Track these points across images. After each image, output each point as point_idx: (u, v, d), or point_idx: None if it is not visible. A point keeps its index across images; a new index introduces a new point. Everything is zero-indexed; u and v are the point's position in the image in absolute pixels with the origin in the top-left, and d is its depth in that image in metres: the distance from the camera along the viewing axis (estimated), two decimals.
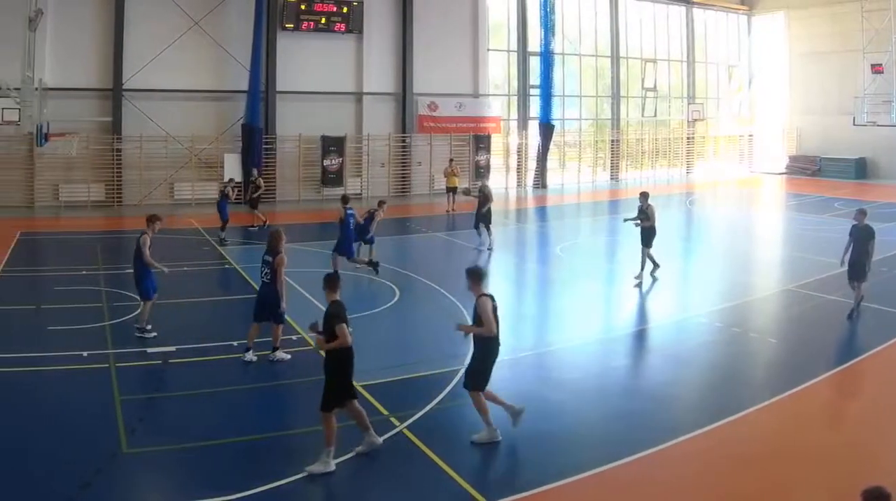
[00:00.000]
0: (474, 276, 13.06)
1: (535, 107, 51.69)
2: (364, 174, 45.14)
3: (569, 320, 21.40)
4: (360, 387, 14.62)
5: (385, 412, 13.62)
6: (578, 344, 18.54)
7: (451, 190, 40.14)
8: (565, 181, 53.76)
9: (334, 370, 11.70)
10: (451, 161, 42.64)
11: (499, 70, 52.34)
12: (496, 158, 50.72)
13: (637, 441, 12.57)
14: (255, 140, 40.90)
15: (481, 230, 29.39)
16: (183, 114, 40.11)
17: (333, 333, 11.54)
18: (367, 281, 24.37)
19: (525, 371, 16.67)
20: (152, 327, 17.98)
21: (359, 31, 44.39)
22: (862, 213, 20.36)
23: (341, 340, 11.49)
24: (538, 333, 20.36)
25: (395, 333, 19.59)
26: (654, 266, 24.18)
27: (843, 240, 20.57)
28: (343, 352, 11.66)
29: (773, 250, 32.36)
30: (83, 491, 10.76)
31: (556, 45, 51.32)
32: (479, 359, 12.83)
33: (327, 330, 11.64)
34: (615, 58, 56.47)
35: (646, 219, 23.85)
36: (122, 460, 11.83)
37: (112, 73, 38.75)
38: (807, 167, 58.76)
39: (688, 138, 60.75)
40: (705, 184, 55.81)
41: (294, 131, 42.75)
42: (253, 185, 34.30)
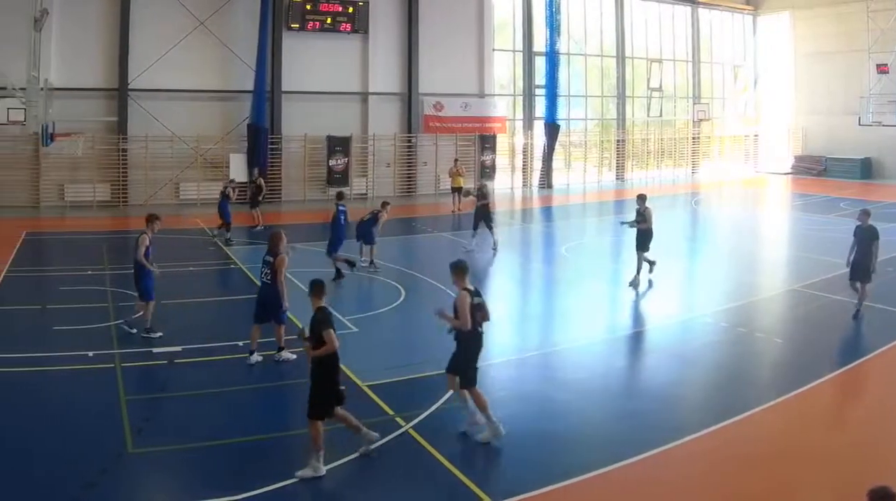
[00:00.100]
0: (457, 270, 13.23)
1: (540, 107, 51.66)
2: (370, 174, 45.12)
3: (574, 320, 21.37)
4: (365, 387, 14.71)
5: (391, 412, 13.62)
6: (584, 344, 18.52)
7: (457, 190, 40.09)
8: (571, 181, 53.67)
9: (321, 376, 11.58)
10: (456, 161, 42.66)
11: (504, 70, 52.30)
12: (502, 158, 50.69)
13: (642, 442, 12.55)
14: (261, 140, 40.88)
15: (479, 231, 29.05)
16: (188, 114, 40.14)
17: (321, 339, 11.46)
18: (373, 282, 24.38)
19: (530, 371, 16.70)
20: (154, 327, 17.95)
21: (364, 31, 44.37)
22: (865, 214, 20.30)
23: (329, 346, 11.39)
24: (544, 333, 20.37)
25: (400, 333, 19.60)
26: (649, 266, 23.91)
27: (849, 240, 20.54)
28: (330, 358, 11.56)
29: (778, 250, 32.32)
30: (89, 491, 10.77)
31: (562, 45, 51.38)
32: (461, 354, 12.87)
33: (314, 336, 11.56)
34: (620, 58, 56.40)
35: (643, 221, 23.64)
36: (128, 460, 11.84)
37: (118, 73, 38.76)
38: (812, 167, 58.66)
39: (693, 138, 60.67)
40: (711, 184, 55.70)
41: (300, 131, 42.73)
42: (254, 186, 34.22)
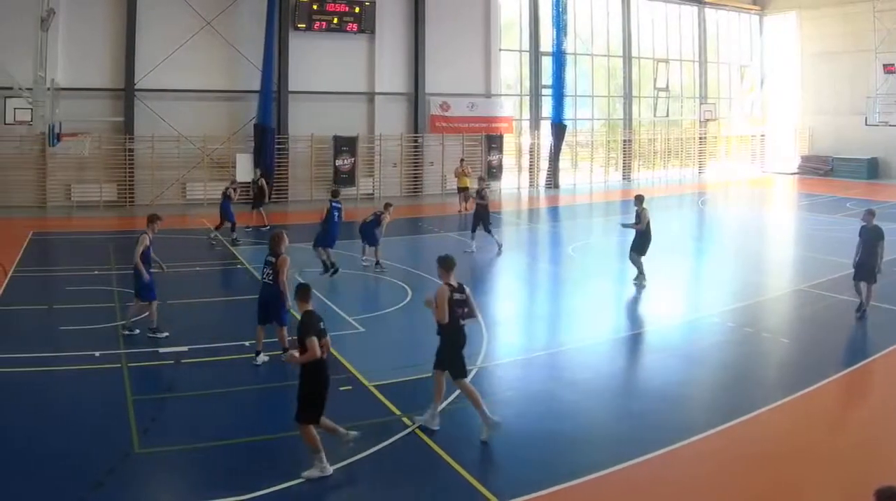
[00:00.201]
0: (443, 265, 13.49)
1: (547, 107, 51.58)
2: (376, 174, 45.10)
3: (581, 320, 21.36)
4: (372, 387, 14.72)
5: (397, 412, 13.61)
6: (590, 344, 18.50)
7: (463, 190, 40.04)
8: (577, 181, 53.66)
9: (306, 382, 11.47)
10: (462, 161, 42.55)
11: (511, 70, 52.24)
12: (508, 158, 50.63)
13: (649, 441, 12.55)
14: (268, 140, 40.90)
15: (478, 233, 29.02)
16: (195, 115, 40.15)
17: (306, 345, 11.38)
18: (379, 282, 24.39)
19: (537, 371, 16.69)
20: (161, 327, 17.96)
21: (371, 31, 44.36)
22: (870, 214, 20.26)
23: (310, 354, 11.22)
24: (550, 333, 20.39)
25: (407, 333, 19.57)
26: (640, 272, 23.60)
27: (855, 240, 20.47)
28: (315, 365, 11.41)
29: (785, 250, 32.25)
30: (95, 491, 10.78)
31: (569, 45, 51.21)
32: (445, 348, 13.03)
33: (300, 341, 11.45)
34: (627, 58, 56.34)
35: (638, 222, 23.49)
36: (135, 460, 11.85)
37: (124, 73, 38.79)
38: (819, 167, 58.54)
39: (700, 138, 60.57)
40: (717, 184, 55.65)
41: (306, 131, 42.75)
42: (255, 187, 34.12)
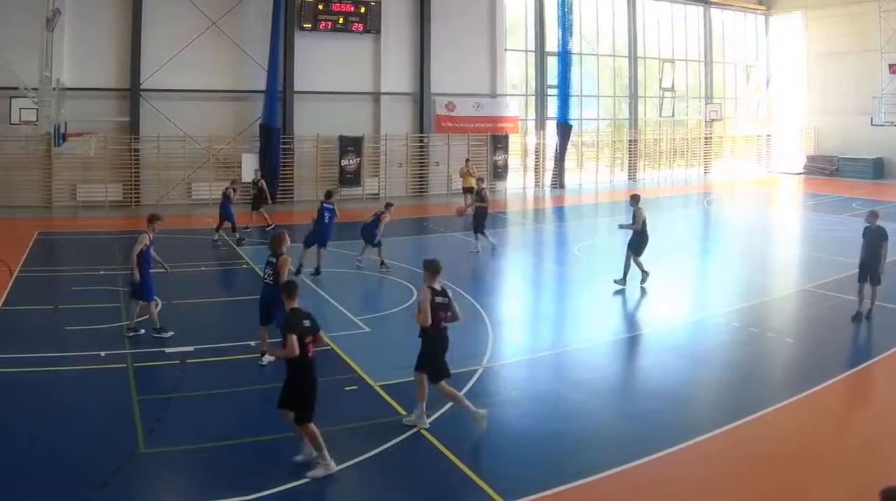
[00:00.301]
0: (428, 268, 13.48)
1: (552, 107, 51.58)
2: (382, 174, 45.11)
3: (586, 320, 21.35)
4: (378, 387, 14.72)
5: (403, 412, 13.58)
6: (596, 344, 18.50)
7: (468, 190, 39.96)
8: (583, 181, 53.58)
9: (291, 381, 11.54)
10: (467, 161, 42.51)
11: (516, 70, 52.23)
12: (514, 158, 50.61)
13: (655, 441, 12.54)
14: (273, 140, 40.91)
15: (479, 233, 29.06)
16: (200, 114, 40.19)
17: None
18: (384, 282, 24.38)
19: (543, 371, 16.68)
20: (165, 327, 17.95)
21: (376, 31, 44.36)
22: (874, 215, 20.20)
23: (287, 350, 11.24)
24: (556, 333, 20.37)
25: (412, 333, 19.47)
26: (623, 275, 23.37)
27: (860, 240, 20.46)
28: (298, 364, 11.44)
29: (790, 250, 32.21)
30: (101, 491, 10.78)
31: (574, 45, 51.27)
32: (426, 352, 13.14)
33: (283, 338, 11.45)
34: (633, 58, 56.31)
35: (634, 222, 23.30)
36: (140, 460, 11.85)
37: (130, 73, 38.82)
38: (824, 167, 58.50)
39: (705, 138, 60.53)
40: (723, 184, 55.57)
41: (312, 131, 42.74)
42: (256, 188, 34.05)
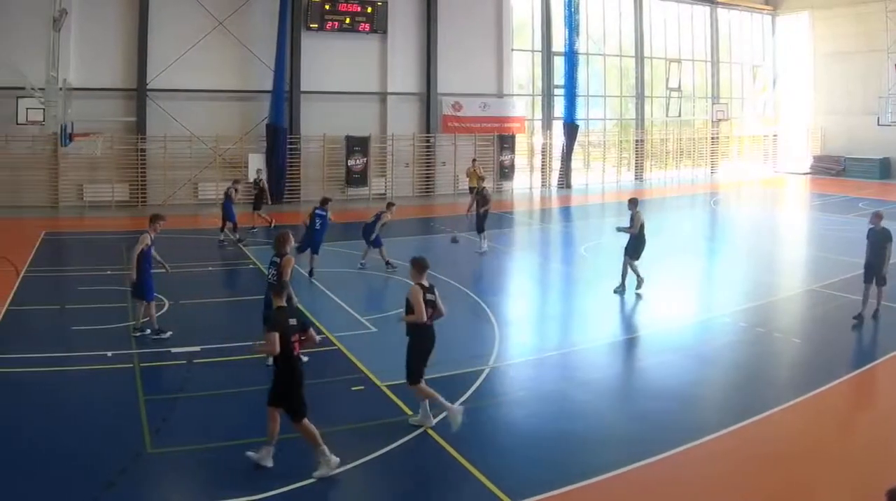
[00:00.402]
0: (416, 266, 13.36)
1: (559, 107, 51.54)
2: (388, 174, 45.13)
3: (593, 320, 21.35)
4: (384, 387, 14.70)
5: (409, 412, 13.56)
6: (602, 344, 18.49)
7: (474, 190, 39.97)
8: (590, 181, 53.62)
9: (279, 381, 11.55)
10: (473, 161, 42.48)
11: (523, 70, 52.21)
12: (521, 158, 50.61)
13: (661, 442, 12.53)
14: (280, 140, 40.97)
15: (485, 233, 29.00)
16: (207, 114, 40.22)
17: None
18: (390, 281, 24.39)
19: (549, 371, 16.67)
20: (163, 327, 17.96)
21: (383, 31, 44.39)
22: (878, 217, 20.15)
23: (267, 347, 11.30)
24: (563, 333, 20.36)
25: None
26: (621, 280, 23.06)
27: (866, 241, 20.43)
28: (281, 362, 11.46)
29: (797, 250, 32.15)
30: (107, 491, 10.80)
31: (581, 45, 51.21)
32: (414, 349, 13.07)
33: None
34: (639, 58, 56.27)
35: (631, 226, 23.01)
36: (147, 460, 11.86)
37: (136, 73, 38.89)
38: (831, 167, 58.40)
39: (712, 138, 60.47)
40: (729, 184, 55.51)
41: (318, 131, 42.78)
42: (257, 188, 34.03)
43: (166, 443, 12.43)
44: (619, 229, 23.74)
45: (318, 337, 12.48)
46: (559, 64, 51.29)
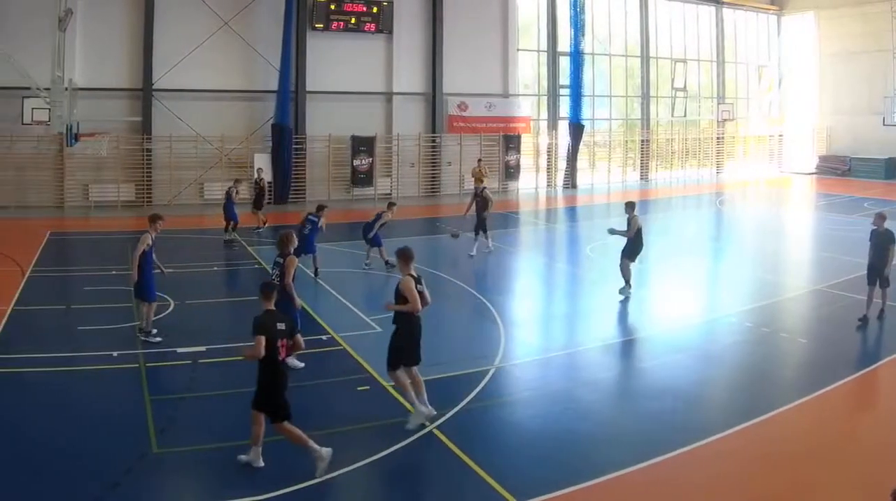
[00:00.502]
0: (402, 257, 13.54)
1: (564, 107, 51.53)
2: (394, 174, 45.11)
3: (598, 320, 21.30)
4: (389, 387, 14.68)
5: (414, 412, 13.57)
6: (608, 344, 18.50)
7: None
8: (595, 181, 53.54)
9: (263, 382, 11.57)
10: (479, 161, 42.52)
11: (528, 70, 52.21)
12: (526, 158, 50.55)
13: (667, 442, 12.51)
14: (285, 140, 40.95)
15: (489, 233, 28.86)
16: (213, 114, 40.24)
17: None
18: (392, 281, 24.34)
19: (556, 371, 16.66)
20: (150, 330, 17.85)
21: (388, 31, 44.38)
22: (881, 218, 20.08)
23: (253, 350, 11.28)
24: (568, 333, 20.35)
25: (423, 333, 19.55)
26: (624, 281, 22.72)
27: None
28: (265, 365, 11.46)
29: (802, 250, 32.14)
30: (113, 491, 10.81)
31: (586, 45, 51.21)
32: (405, 337, 13.29)
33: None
34: (645, 58, 56.24)
35: (628, 229, 22.78)
36: (152, 460, 11.88)
37: (142, 73, 38.91)
38: (837, 167, 58.39)
39: (718, 138, 60.43)
40: (735, 184, 55.47)
41: (324, 131, 42.75)
42: (257, 188, 34.10)
43: (172, 443, 12.45)
44: (612, 232, 23.46)
45: (303, 343, 12.44)
46: (565, 64, 51.30)
